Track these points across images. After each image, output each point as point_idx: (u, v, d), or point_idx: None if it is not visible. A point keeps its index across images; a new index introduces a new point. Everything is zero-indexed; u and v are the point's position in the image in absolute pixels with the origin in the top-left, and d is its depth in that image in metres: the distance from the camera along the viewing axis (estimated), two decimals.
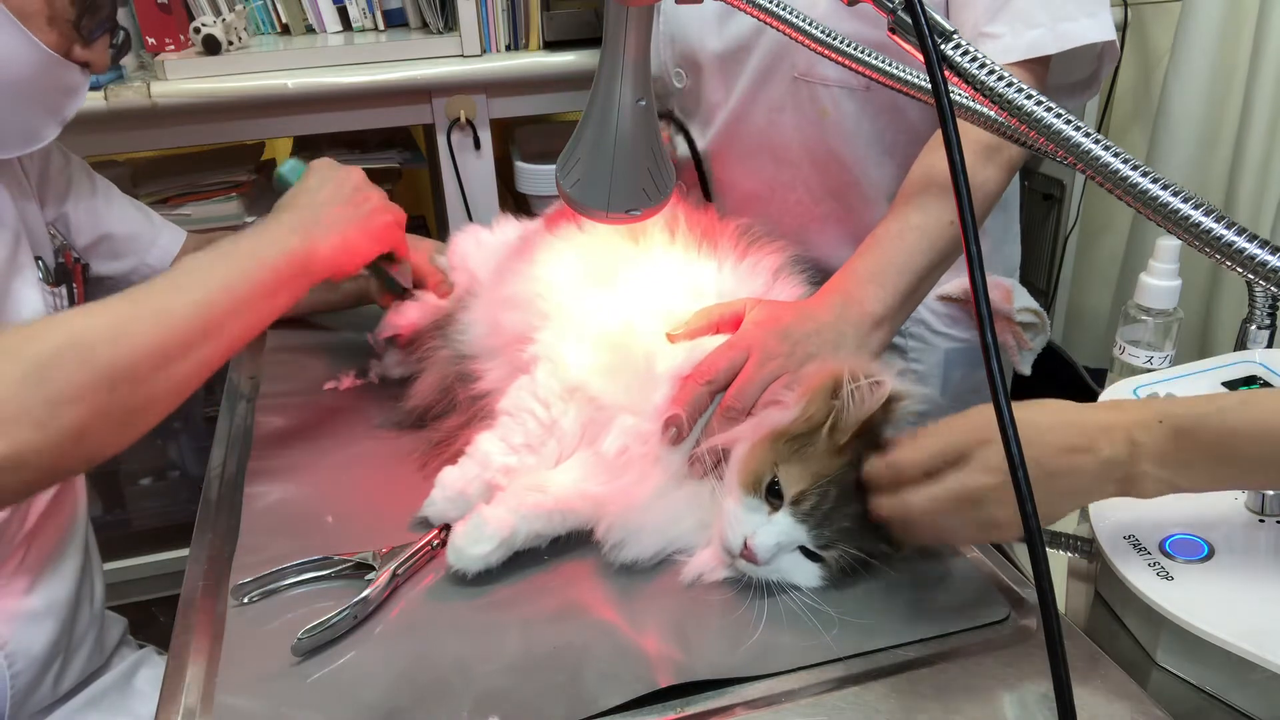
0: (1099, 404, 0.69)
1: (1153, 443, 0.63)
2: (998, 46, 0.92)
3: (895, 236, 0.88)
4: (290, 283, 0.86)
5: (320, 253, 0.88)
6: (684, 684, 0.64)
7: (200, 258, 0.83)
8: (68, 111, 0.92)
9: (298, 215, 0.89)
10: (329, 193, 0.92)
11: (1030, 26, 0.92)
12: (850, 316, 0.83)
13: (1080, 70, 1.02)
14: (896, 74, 0.79)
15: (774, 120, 1.07)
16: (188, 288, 0.79)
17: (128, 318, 0.76)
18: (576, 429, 0.81)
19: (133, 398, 0.74)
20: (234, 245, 0.85)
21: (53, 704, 0.98)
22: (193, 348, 0.78)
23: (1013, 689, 0.64)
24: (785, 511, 0.70)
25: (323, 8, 1.81)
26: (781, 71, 1.03)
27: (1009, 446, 0.51)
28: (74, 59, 0.88)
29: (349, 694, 0.64)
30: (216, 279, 0.81)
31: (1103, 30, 0.93)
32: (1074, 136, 0.62)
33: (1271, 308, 0.96)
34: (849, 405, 0.70)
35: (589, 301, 0.85)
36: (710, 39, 1.07)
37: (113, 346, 0.73)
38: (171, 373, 0.77)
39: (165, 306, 0.77)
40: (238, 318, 0.81)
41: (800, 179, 1.09)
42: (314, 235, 0.88)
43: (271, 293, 0.84)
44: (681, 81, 1.14)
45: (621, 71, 0.78)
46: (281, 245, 0.86)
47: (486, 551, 0.73)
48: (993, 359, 0.52)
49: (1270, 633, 0.63)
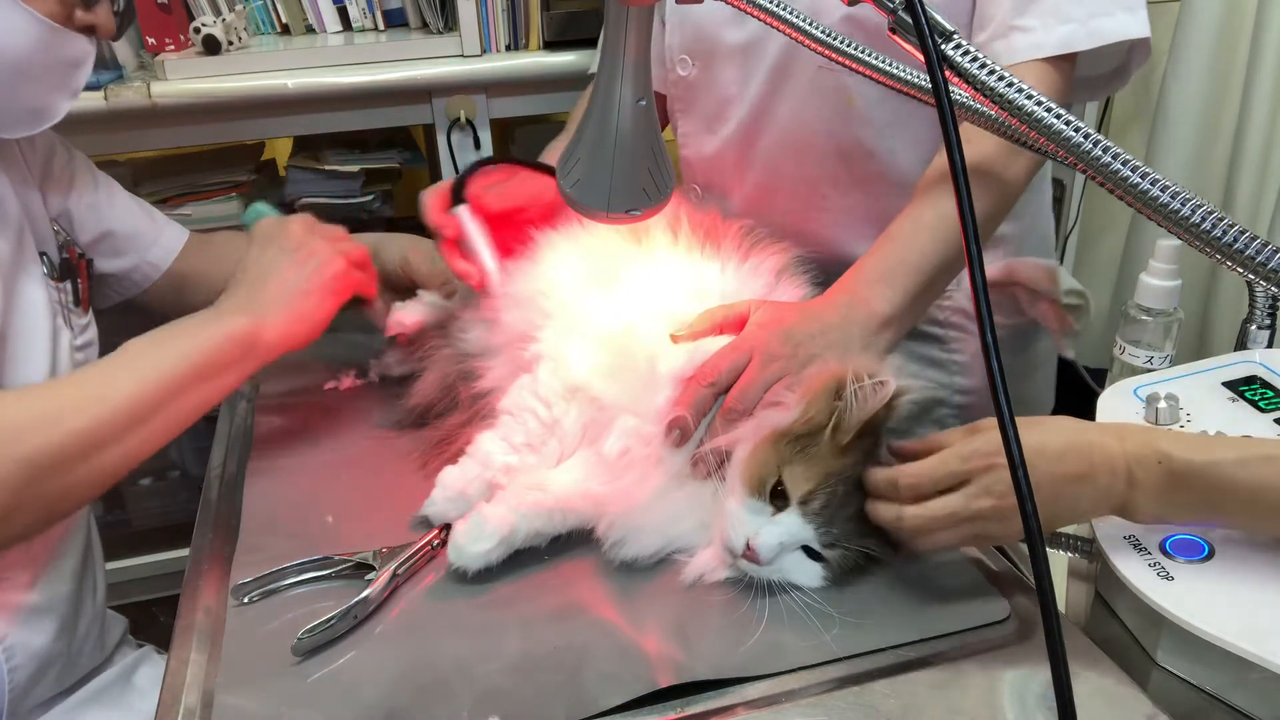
0: (1105, 428, 0.70)
1: (1149, 481, 0.66)
2: (1028, 41, 0.89)
3: (908, 235, 0.87)
4: (236, 364, 0.84)
5: (268, 332, 0.85)
6: (684, 684, 0.64)
7: (144, 339, 0.81)
8: (77, 83, 0.88)
9: (244, 293, 0.87)
10: (271, 260, 0.89)
11: (1063, 21, 0.89)
12: (857, 317, 0.82)
13: (1105, 64, 0.98)
14: (897, 74, 0.79)
15: (797, 112, 1.04)
16: (126, 372, 0.78)
17: (60, 404, 0.74)
18: (578, 429, 0.81)
19: (55, 486, 0.73)
20: (179, 326, 0.83)
21: (54, 699, 0.98)
22: (125, 434, 0.76)
23: (1013, 689, 0.64)
24: (793, 512, 0.70)
25: (323, 8, 1.81)
26: (803, 60, 1.00)
27: (1009, 446, 0.51)
28: (77, 25, 0.85)
29: (349, 694, 0.64)
30: (156, 363, 0.79)
31: (1138, 26, 0.90)
32: (1074, 137, 0.62)
33: (1271, 308, 0.95)
34: (852, 405, 0.70)
35: (592, 301, 0.85)
36: (729, 29, 1.04)
37: (41, 434, 0.72)
38: (99, 460, 0.75)
39: (100, 393, 0.76)
40: (176, 402, 0.80)
41: (825, 171, 1.06)
42: (260, 313, 0.85)
43: (213, 375, 0.82)
44: (686, 70, 1.10)
45: (621, 71, 0.78)
46: (225, 326, 0.83)
47: (487, 549, 0.73)
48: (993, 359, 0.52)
49: (1270, 633, 0.63)
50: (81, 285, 1.01)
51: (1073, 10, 0.89)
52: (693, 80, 1.11)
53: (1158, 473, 0.66)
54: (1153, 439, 0.67)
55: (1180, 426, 0.80)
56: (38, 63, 0.84)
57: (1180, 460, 0.66)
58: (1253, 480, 0.65)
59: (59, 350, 0.94)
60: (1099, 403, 0.86)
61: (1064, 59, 0.91)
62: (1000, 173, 0.88)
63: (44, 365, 0.92)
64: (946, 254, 0.85)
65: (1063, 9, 0.89)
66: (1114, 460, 0.67)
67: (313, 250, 0.91)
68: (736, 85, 1.07)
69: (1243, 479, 0.65)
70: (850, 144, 1.04)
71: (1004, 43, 0.91)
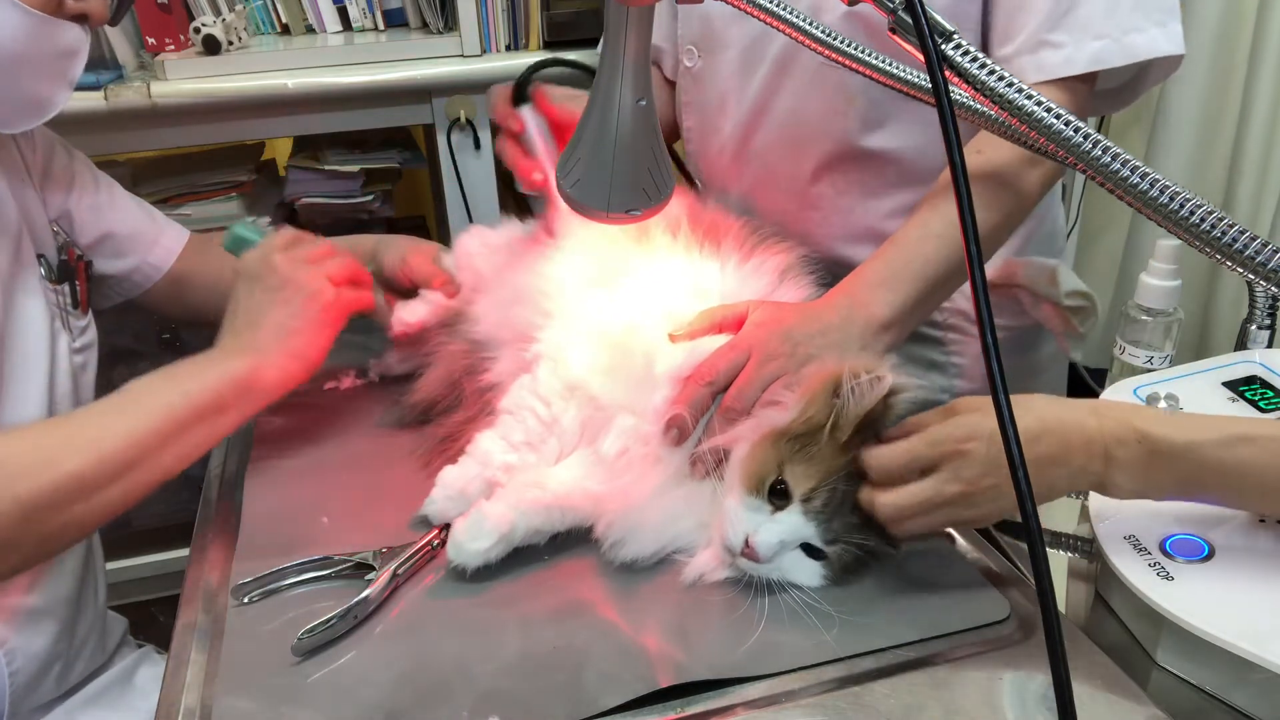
0: (1080, 405, 0.70)
1: (1127, 459, 0.67)
2: (1059, 57, 0.87)
3: (915, 242, 0.86)
4: (236, 405, 0.83)
5: (267, 373, 0.85)
6: (684, 684, 0.64)
7: (143, 381, 0.81)
8: (73, 73, 0.87)
9: (238, 336, 0.87)
10: (259, 303, 0.88)
11: (1094, 37, 0.87)
12: (856, 319, 0.82)
13: (1114, 78, 0.95)
14: (897, 74, 0.79)
15: (797, 108, 1.03)
16: (125, 414, 0.78)
17: (57, 445, 0.75)
18: (576, 427, 0.81)
19: (47, 527, 0.74)
20: (180, 368, 0.83)
21: (55, 700, 0.98)
22: (121, 476, 0.76)
23: (1013, 689, 0.64)
24: (794, 510, 0.70)
25: (323, 8, 1.81)
26: (807, 55, 0.97)
27: (1009, 446, 0.51)
28: (68, 14, 0.83)
29: (349, 694, 0.64)
30: (154, 405, 0.79)
31: (1172, 43, 0.88)
32: (1074, 137, 0.62)
33: (1271, 308, 0.96)
34: (849, 401, 0.70)
35: (592, 301, 0.85)
36: (734, 20, 1.03)
37: (35, 477, 0.72)
38: (94, 502, 0.75)
39: (98, 435, 0.76)
40: (175, 444, 0.80)
41: (820, 170, 1.06)
42: (258, 355, 0.85)
43: (213, 417, 0.82)
44: (693, 60, 1.09)
45: (621, 71, 0.78)
46: (224, 369, 0.83)
47: (486, 547, 0.73)
48: (993, 359, 0.52)
49: (1270, 633, 0.63)
50: (80, 287, 1.00)
51: (1105, 26, 0.86)
52: (698, 72, 1.10)
53: (1137, 452, 0.66)
54: (1131, 417, 0.68)
55: None
56: (30, 54, 0.83)
57: (1160, 440, 0.66)
58: (1232, 461, 0.65)
59: (57, 354, 0.94)
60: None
61: (1090, 74, 0.89)
62: (1015, 183, 0.87)
63: (41, 370, 0.92)
64: (952, 263, 0.84)
65: (1094, 24, 0.87)
66: (1091, 439, 0.67)
67: (297, 285, 0.89)
68: (738, 78, 1.06)
69: (1222, 460, 0.65)
70: (848, 144, 1.03)
71: (1032, 58, 0.89)
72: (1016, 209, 0.89)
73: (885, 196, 1.06)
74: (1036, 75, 0.89)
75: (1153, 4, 0.88)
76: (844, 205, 1.07)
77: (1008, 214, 0.89)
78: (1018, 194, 0.88)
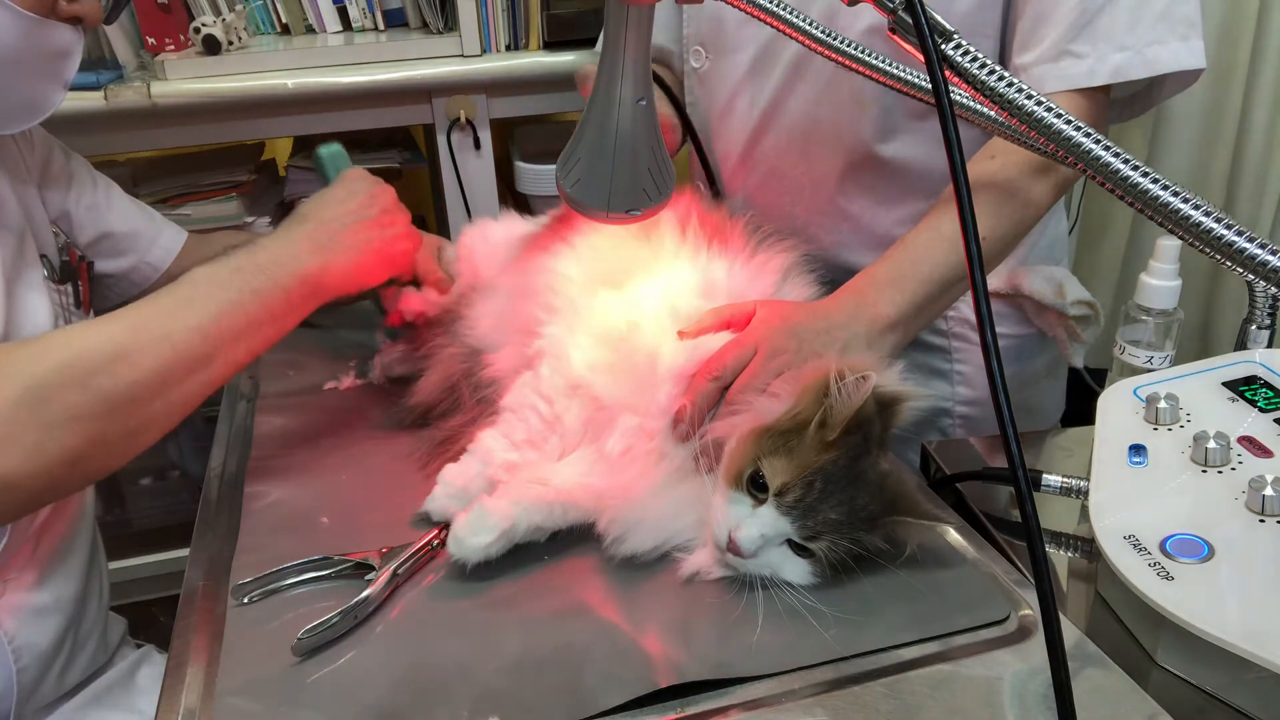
0: None
1: None
2: (1082, 67, 0.87)
3: (924, 245, 0.86)
4: (300, 305, 0.85)
5: (333, 274, 0.87)
6: (684, 684, 0.64)
7: (212, 272, 0.81)
8: (67, 74, 0.88)
9: (318, 231, 0.88)
10: (354, 209, 0.91)
11: (1117, 49, 0.86)
12: (862, 318, 0.83)
13: (1128, 87, 0.94)
14: (896, 74, 0.79)
15: (810, 111, 1.03)
16: (195, 307, 0.78)
17: (130, 341, 0.75)
18: (579, 425, 0.81)
19: (130, 421, 0.74)
20: (249, 259, 0.83)
21: (57, 700, 0.98)
22: (194, 371, 0.77)
23: (1013, 689, 0.64)
24: (770, 504, 0.70)
25: (323, 8, 1.81)
26: (820, 60, 0.97)
27: (1009, 446, 0.51)
28: (61, 15, 0.84)
29: (349, 694, 0.64)
30: (225, 298, 0.79)
31: (1194, 57, 0.88)
32: (1074, 136, 0.62)
33: (1271, 308, 0.95)
34: (836, 400, 0.70)
35: (597, 299, 0.85)
36: (747, 22, 1.02)
37: (112, 372, 0.72)
38: (171, 396, 0.76)
39: (169, 330, 0.76)
40: (242, 341, 0.80)
41: (830, 174, 1.06)
42: (331, 256, 0.87)
43: (280, 315, 0.83)
44: (699, 61, 1.09)
45: (621, 71, 0.78)
46: (296, 265, 0.84)
47: (487, 542, 0.73)
48: (993, 359, 0.52)
49: (1270, 633, 0.63)
50: (82, 287, 1.01)
51: (1128, 38, 0.86)
52: (705, 73, 1.10)
53: None
54: None
55: (1180, 427, 0.80)
56: (23, 56, 0.83)
57: None
58: None
59: None
60: (1098, 403, 0.86)
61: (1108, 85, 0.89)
62: (1025, 191, 0.87)
63: None
64: (961, 267, 0.84)
65: (1117, 36, 0.86)
66: None
67: (394, 219, 0.94)
68: (749, 80, 1.06)
69: None
70: (860, 150, 1.03)
71: (1054, 67, 0.89)
72: (1023, 218, 0.89)
73: (897, 205, 1.06)
74: (1057, 84, 0.89)
75: (1177, 17, 0.88)
76: (854, 211, 1.07)
77: (1015, 223, 0.89)
78: (1025, 204, 0.88)
